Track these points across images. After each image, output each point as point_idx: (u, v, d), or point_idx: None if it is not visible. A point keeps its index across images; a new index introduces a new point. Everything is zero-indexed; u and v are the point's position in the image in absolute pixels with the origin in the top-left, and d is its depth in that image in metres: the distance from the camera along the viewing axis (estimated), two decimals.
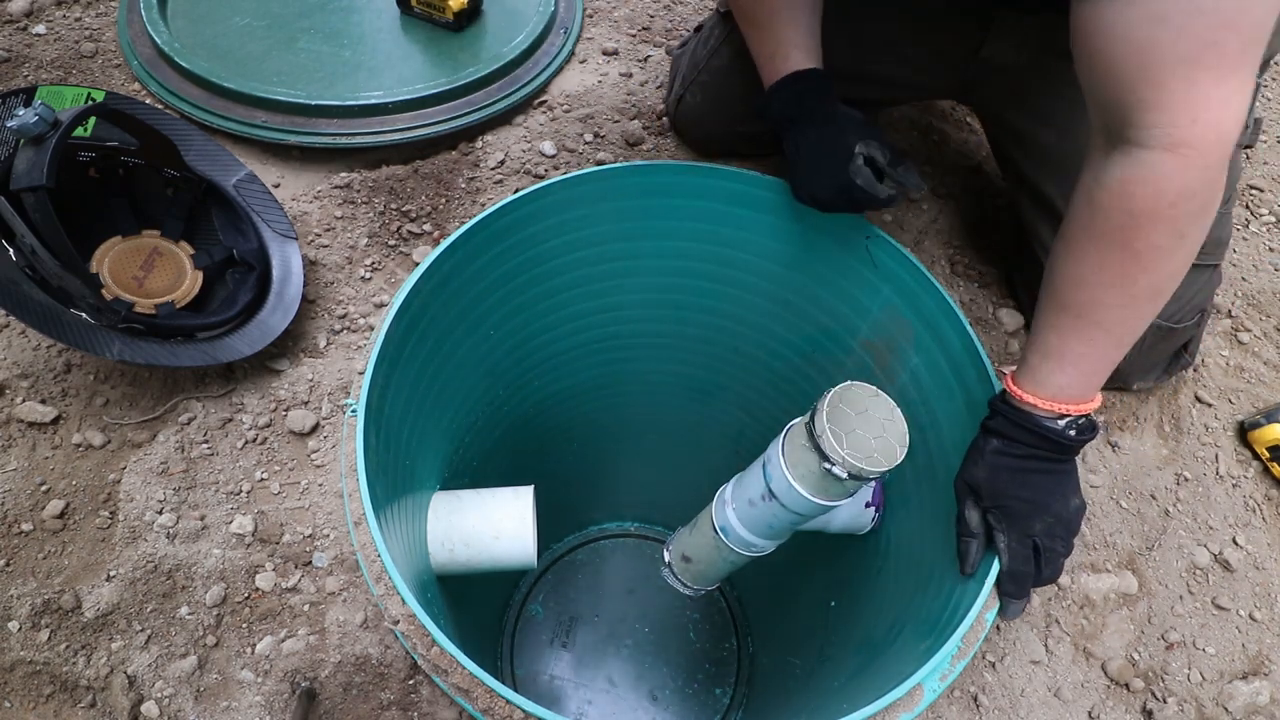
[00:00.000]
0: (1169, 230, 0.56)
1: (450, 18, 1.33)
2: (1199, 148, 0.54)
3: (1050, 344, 0.64)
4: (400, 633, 0.57)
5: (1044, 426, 0.64)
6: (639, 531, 1.55)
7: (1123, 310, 0.60)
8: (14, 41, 1.30)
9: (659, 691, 1.37)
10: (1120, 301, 0.60)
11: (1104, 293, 0.60)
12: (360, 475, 0.62)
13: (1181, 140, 0.54)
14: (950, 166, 1.25)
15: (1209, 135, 0.54)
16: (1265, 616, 0.91)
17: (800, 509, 0.73)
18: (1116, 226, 0.58)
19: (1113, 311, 0.61)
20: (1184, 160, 0.54)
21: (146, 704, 0.77)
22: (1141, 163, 0.56)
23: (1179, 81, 0.53)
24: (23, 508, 0.86)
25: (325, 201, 1.14)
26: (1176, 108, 0.53)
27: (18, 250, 0.85)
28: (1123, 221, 0.57)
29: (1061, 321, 0.63)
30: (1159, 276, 0.59)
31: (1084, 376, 0.63)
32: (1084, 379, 0.63)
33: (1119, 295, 0.60)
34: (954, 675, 0.60)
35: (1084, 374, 0.63)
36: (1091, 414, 0.65)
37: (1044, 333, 0.65)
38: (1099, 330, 0.62)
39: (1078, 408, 0.64)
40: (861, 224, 0.85)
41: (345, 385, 0.97)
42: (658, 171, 0.87)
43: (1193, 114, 0.53)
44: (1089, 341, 0.62)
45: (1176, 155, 0.54)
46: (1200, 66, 0.52)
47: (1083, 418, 0.65)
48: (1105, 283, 0.60)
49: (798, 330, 0.99)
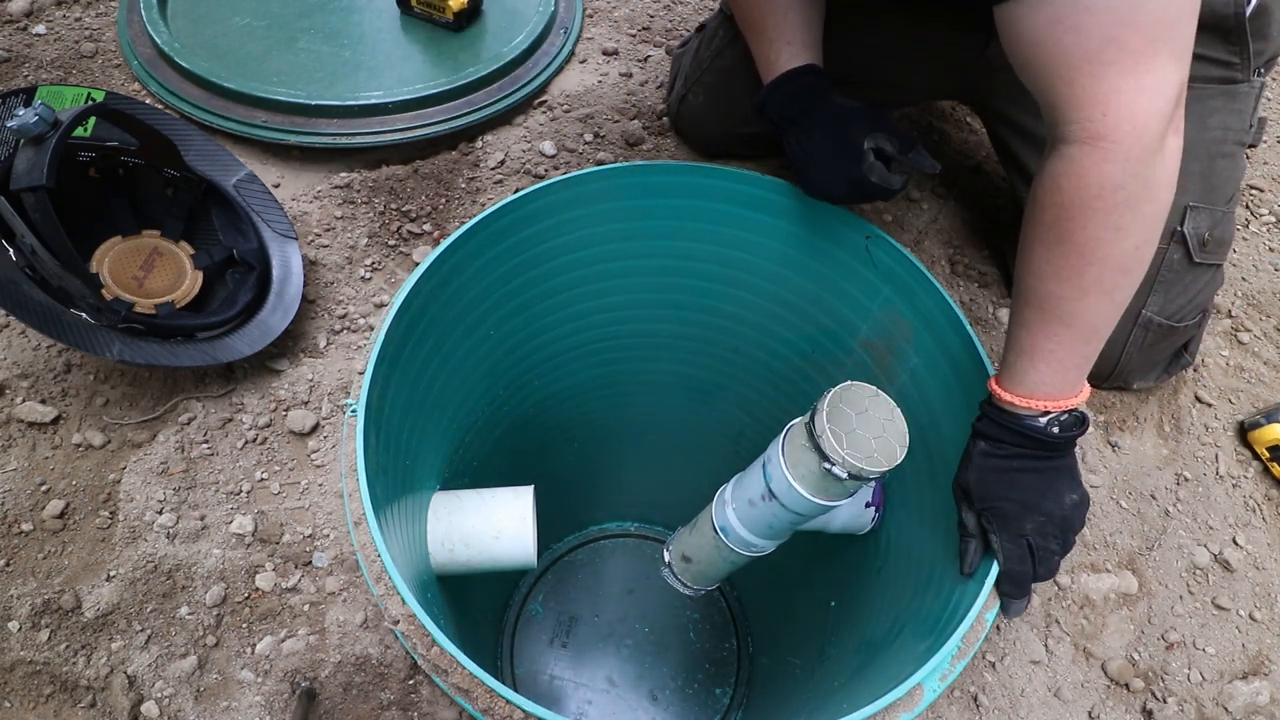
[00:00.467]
0: (1102, 222, 0.57)
1: (450, 18, 1.33)
2: (1114, 139, 0.55)
3: (1022, 341, 0.65)
4: (400, 633, 0.57)
5: (1026, 425, 0.64)
6: (639, 531, 1.55)
7: (1078, 303, 0.61)
8: (14, 41, 1.30)
9: (659, 691, 1.37)
10: (1073, 295, 0.61)
11: (1057, 286, 0.61)
12: (360, 475, 0.62)
13: (1096, 133, 0.56)
14: (950, 166, 1.25)
15: (1123, 127, 0.55)
16: (1265, 616, 0.91)
17: (800, 509, 0.73)
18: (1052, 219, 0.59)
19: (1069, 304, 0.61)
20: (1101, 152, 0.56)
21: (146, 704, 0.77)
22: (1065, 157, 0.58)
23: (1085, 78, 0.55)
24: (23, 508, 0.86)
25: (325, 201, 1.14)
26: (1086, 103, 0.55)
27: (18, 250, 0.85)
28: (1056, 214, 0.59)
29: (1028, 317, 0.64)
30: (1105, 269, 0.60)
31: (1058, 372, 0.63)
32: (1059, 374, 0.63)
33: (1071, 288, 0.61)
34: (954, 675, 0.60)
35: (1057, 369, 0.63)
36: (1078, 408, 0.65)
37: (1016, 330, 0.66)
38: (1061, 325, 0.62)
39: (1057, 404, 0.64)
40: (861, 224, 0.85)
41: (345, 385, 0.97)
42: (658, 171, 0.87)
43: (1102, 108, 0.55)
44: (1054, 337, 0.63)
45: (1094, 148, 0.56)
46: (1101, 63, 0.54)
47: (1065, 413, 0.65)
48: (1056, 275, 0.61)
49: (798, 330, 0.99)
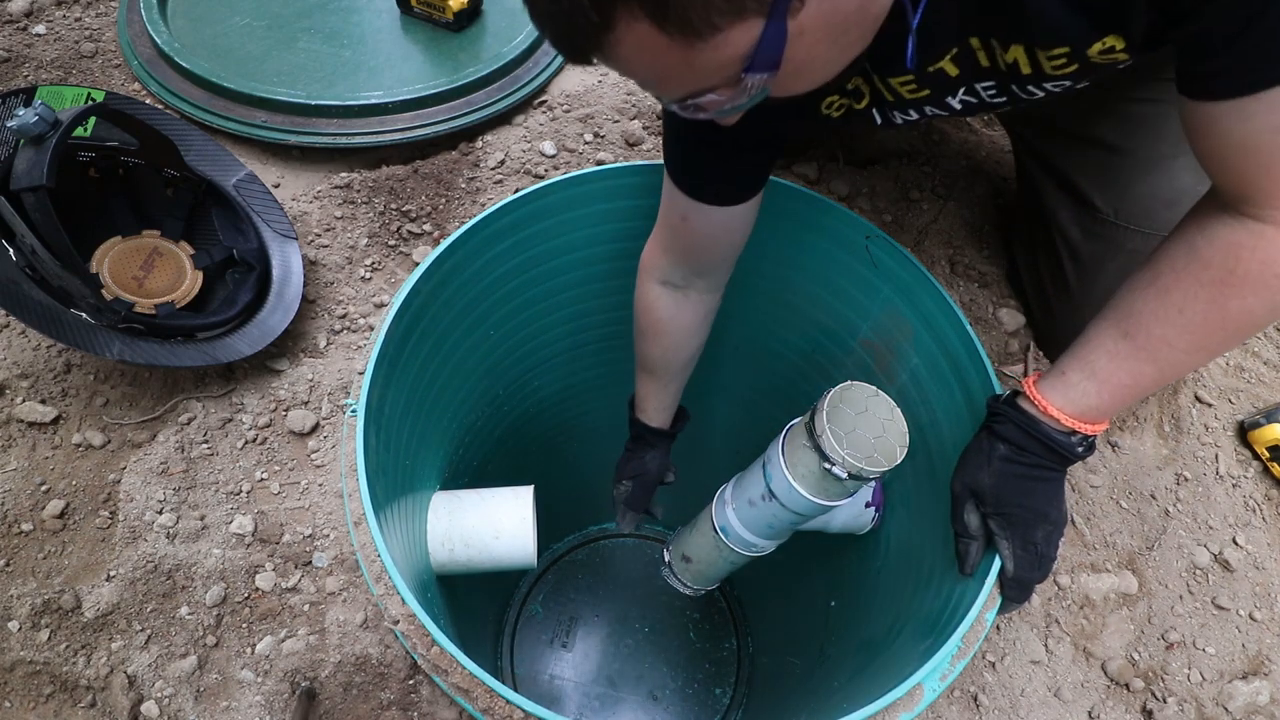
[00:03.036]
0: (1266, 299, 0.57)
1: (450, 18, 1.33)
2: None
3: (1098, 366, 0.63)
4: (400, 633, 0.57)
5: (1055, 439, 0.64)
6: (639, 531, 1.55)
7: (1182, 356, 0.60)
8: (14, 41, 1.30)
9: (659, 691, 1.37)
10: (1185, 348, 0.60)
11: (1177, 335, 0.60)
12: (360, 475, 0.62)
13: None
14: (950, 166, 1.25)
15: None
16: (1265, 616, 0.91)
17: (800, 509, 0.73)
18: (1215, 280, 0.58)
19: (1174, 354, 0.60)
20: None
21: (146, 704, 0.77)
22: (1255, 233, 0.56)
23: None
24: (23, 508, 0.86)
25: (325, 201, 1.14)
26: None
27: (18, 250, 0.85)
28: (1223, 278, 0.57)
29: (1120, 348, 0.62)
30: (1233, 337, 0.59)
31: (1114, 404, 0.63)
32: (1113, 405, 0.63)
33: (1189, 342, 0.60)
34: (954, 675, 0.60)
35: (1115, 402, 0.63)
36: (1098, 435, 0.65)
37: (1095, 353, 0.64)
38: (1151, 366, 0.61)
39: (1093, 428, 0.64)
40: (862, 224, 0.85)
41: (345, 385, 0.97)
42: (658, 171, 0.87)
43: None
44: (1136, 375, 0.62)
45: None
46: None
47: (1092, 437, 0.65)
48: (1182, 325, 0.59)
49: (798, 330, 0.99)
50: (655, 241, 0.84)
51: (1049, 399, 0.64)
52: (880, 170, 1.21)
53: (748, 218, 0.78)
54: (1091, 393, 0.63)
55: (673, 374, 0.94)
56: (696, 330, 0.90)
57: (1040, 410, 0.64)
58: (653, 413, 0.97)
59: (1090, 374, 0.63)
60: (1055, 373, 0.65)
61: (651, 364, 0.92)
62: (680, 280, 0.84)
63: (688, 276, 0.84)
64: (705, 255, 0.81)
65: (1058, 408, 0.64)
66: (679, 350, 0.91)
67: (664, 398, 0.96)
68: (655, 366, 0.92)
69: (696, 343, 0.92)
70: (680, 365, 0.93)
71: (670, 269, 0.83)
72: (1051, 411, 0.64)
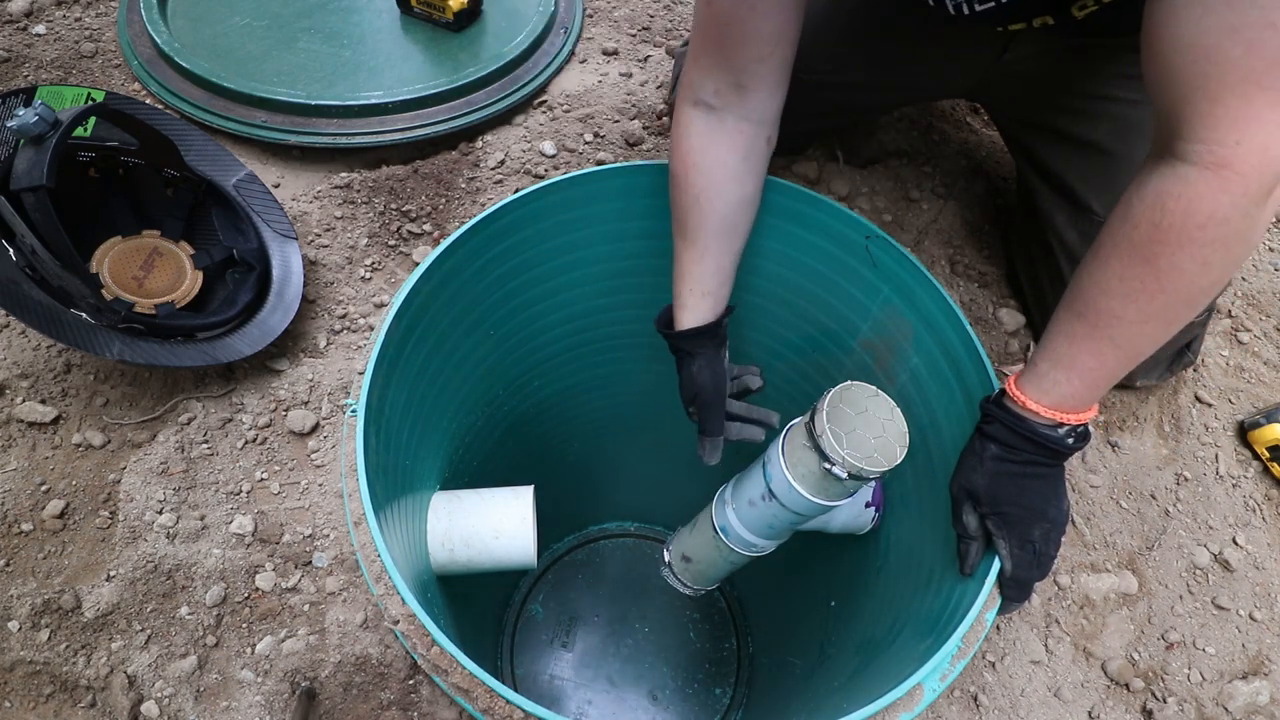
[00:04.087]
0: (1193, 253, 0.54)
1: (450, 18, 1.33)
2: (1240, 171, 0.52)
3: (1061, 352, 0.63)
4: (400, 633, 0.57)
5: (1042, 434, 0.64)
6: (639, 531, 1.55)
7: (1136, 327, 0.59)
8: (14, 41, 1.30)
9: (659, 691, 1.37)
10: (1135, 318, 0.59)
11: (1121, 305, 0.59)
12: (360, 475, 0.62)
13: (1223, 160, 0.52)
14: (950, 166, 1.25)
15: (1251, 159, 0.51)
16: (1265, 616, 0.91)
17: (800, 509, 0.73)
18: (1144, 239, 0.56)
19: (1127, 327, 0.59)
20: (1222, 181, 0.52)
21: (146, 704, 0.77)
22: (1180, 177, 0.54)
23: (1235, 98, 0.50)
24: (23, 508, 0.86)
25: (325, 201, 1.14)
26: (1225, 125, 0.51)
27: (18, 250, 0.85)
28: (1149, 234, 0.55)
29: (1075, 329, 0.62)
30: (1175, 299, 0.57)
31: (1088, 389, 0.62)
32: (1087, 391, 0.63)
33: (1135, 311, 0.58)
34: (954, 675, 0.60)
35: (1088, 386, 0.62)
36: (1088, 422, 0.65)
37: (1056, 339, 0.63)
38: (1110, 345, 0.60)
39: (1076, 417, 0.63)
40: (862, 224, 0.85)
41: (345, 385, 0.97)
42: (658, 171, 0.87)
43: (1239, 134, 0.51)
44: (1099, 355, 0.61)
45: (1216, 175, 0.52)
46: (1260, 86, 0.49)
47: (1080, 426, 0.65)
48: (1124, 294, 0.58)
49: (798, 330, 0.99)
50: (690, 56, 0.74)
51: (1026, 393, 0.64)
52: (880, 170, 1.21)
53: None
54: (1062, 381, 0.62)
55: (710, 233, 0.77)
56: (736, 170, 0.76)
57: (1021, 406, 0.64)
58: (689, 301, 0.80)
59: (1056, 362, 0.63)
60: (1029, 366, 0.65)
61: (685, 221, 0.77)
62: (714, 96, 0.73)
63: (725, 90, 0.73)
64: (746, 49, 0.71)
65: (1035, 400, 0.63)
66: (715, 197, 0.76)
67: (702, 272, 0.79)
68: (689, 225, 0.77)
69: (738, 191, 0.77)
70: (718, 221, 0.77)
71: (705, 79, 0.73)
72: (1030, 405, 0.63)
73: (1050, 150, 0.98)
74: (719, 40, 0.71)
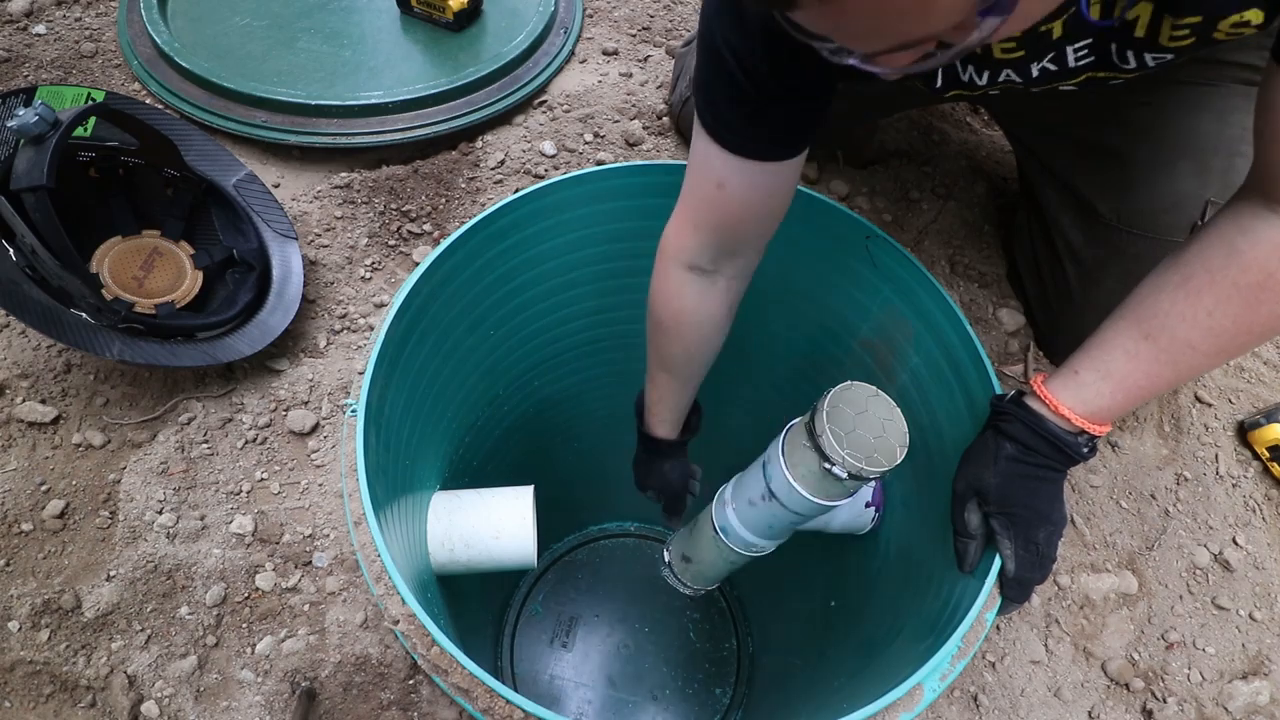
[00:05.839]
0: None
1: (450, 18, 1.33)
2: None
3: (1114, 366, 0.62)
4: (400, 633, 0.57)
5: (1063, 440, 0.63)
6: (639, 531, 1.55)
7: (1204, 359, 0.59)
8: (14, 41, 1.30)
9: (659, 691, 1.37)
10: (1209, 351, 0.59)
11: (1201, 338, 0.58)
12: (360, 475, 0.62)
13: None
14: (950, 166, 1.25)
15: None
16: (1265, 616, 0.91)
17: (800, 509, 0.73)
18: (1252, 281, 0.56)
19: (1196, 358, 0.59)
20: None
21: (146, 704, 0.77)
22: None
23: None
24: (23, 508, 0.86)
25: (325, 201, 1.14)
26: None
27: (18, 250, 0.85)
28: (1260, 280, 0.56)
29: (1140, 350, 0.61)
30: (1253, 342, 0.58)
31: (1125, 405, 0.62)
32: (1124, 407, 0.62)
33: (1212, 345, 0.58)
34: (954, 675, 0.60)
35: (1128, 402, 0.62)
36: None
37: (1111, 354, 0.62)
38: (1170, 369, 0.60)
39: (1100, 428, 0.63)
40: (862, 224, 0.85)
41: (345, 385, 0.97)
42: (658, 171, 0.87)
43: None
44: (1153, 377, 0.61)
45: None
46: None
47: (1098, 437, 0.65)
48: (1209, 329, 0.58)
49: (798, 330, 0.99)
50: (681, 220, 0.74)
51: (1059, 398, 0.63)
52: (880, 170, 1.22)
53: (792, 178, 0.70)
54: (1105, 393, 0.62)
55: (693, 373, 0.85)
56: (722, 323, 0.81)
57: (1050, 409, 0.64)
58: (667, 418, 0.90)
59: (1105, 374, 0.62)
60: (1067, 372, 0.64)
61: (670, 362, 0.83)
62: (709, 263, 0.75)
63: (719, 258, 0.74)
64: (743, 228, 0.72)
65: (1069, 407, 0.63)
66: (703, 346, 0.82)
67: (680, 401, 0.88)
68: (675, 365, 0.84)
69: (721, 338, 0.83)
70: (701, 364, 0.85)
71: (699, 250, 0.74)
72: (1062, 410, 0.63)
73: (1055, 151, 0.98)
74: (721, 220, 0.71)
